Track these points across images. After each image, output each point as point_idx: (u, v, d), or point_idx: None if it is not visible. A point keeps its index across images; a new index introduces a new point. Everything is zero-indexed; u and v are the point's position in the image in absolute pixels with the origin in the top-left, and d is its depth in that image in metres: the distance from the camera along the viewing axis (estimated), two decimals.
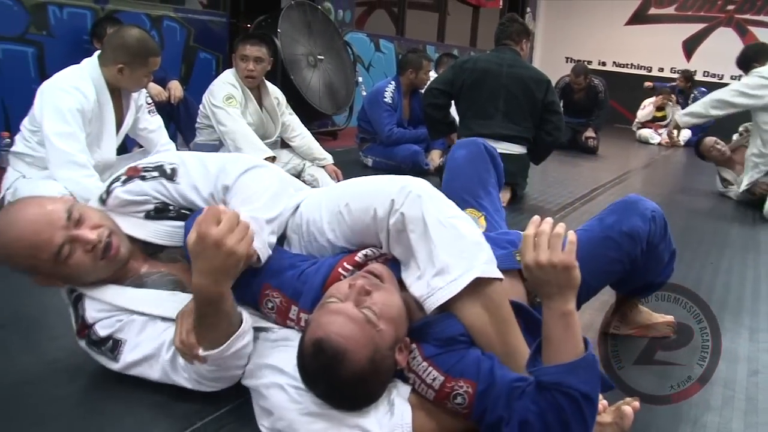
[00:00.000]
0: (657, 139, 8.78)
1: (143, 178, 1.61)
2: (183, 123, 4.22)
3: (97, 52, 2.90)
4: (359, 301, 1.31)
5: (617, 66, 11.54)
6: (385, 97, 4.89)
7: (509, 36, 4.20)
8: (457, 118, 4.30)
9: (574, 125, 7.20)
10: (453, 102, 4.25)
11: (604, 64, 11.57)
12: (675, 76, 9.72)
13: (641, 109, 9.15)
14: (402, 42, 8.20)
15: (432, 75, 5.17)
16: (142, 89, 3.08)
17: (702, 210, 4.64)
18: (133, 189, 1.61)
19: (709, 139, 5.21)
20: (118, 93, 2.94)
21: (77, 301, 1.60)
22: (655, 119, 9.05)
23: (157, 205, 1.61)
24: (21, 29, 4.09)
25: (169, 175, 1.60)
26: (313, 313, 1.36)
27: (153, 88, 3.94)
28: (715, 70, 10.58)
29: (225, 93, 3.75)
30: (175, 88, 4.27)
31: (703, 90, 8.99)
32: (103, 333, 1.55)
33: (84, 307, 1.58)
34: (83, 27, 4.39)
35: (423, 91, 4.59)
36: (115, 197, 1.61)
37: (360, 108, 5.19)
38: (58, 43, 4.27)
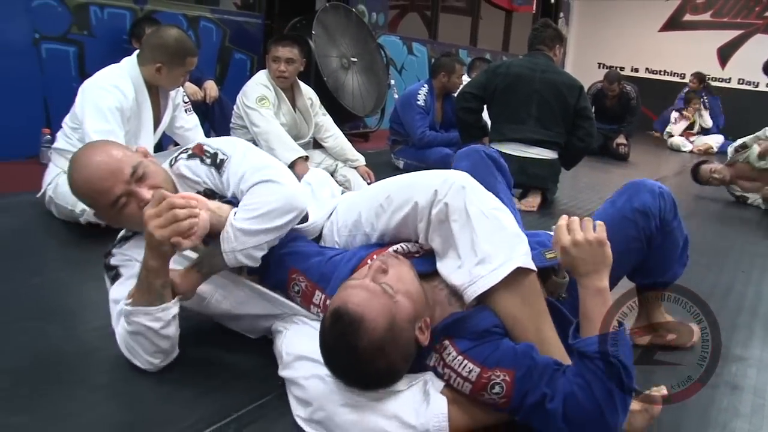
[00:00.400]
0: (689, 147, 8.68)
1: (202, 160, 1.70)
2: (217, 122, 4.27)
3: (136, 51, 2.96)
4: (376, 278, 1.35)
5: (650, 72, 11.42)
6: (418, 100, 4.90)
7: (543, 41, 4.20)
8: (489, 122, 4.32)
9: (605, 131, 7.14)
10: (485, 106, 4.26)
11: (636, 70, 11.46)
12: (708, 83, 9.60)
13: (673, 123, 9.03)
14: (435, 45, 8.19)
15: (465, 79, 5.17)
16: (179, 88, 3.14)
17: (733, 218, 4.60)
18: (192, 167, 1.71)
19: (705, 169, 5.15)
20: (155, 92, 3.00)
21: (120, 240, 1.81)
22: (685, 129, 8.98)
23: (206, 191, 1.70)
24: (64, 29, 4.18)
25: (218, 165, 1.68)
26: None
27: (189, 87, 3.99)
28: (751, 77, 10.44)
29: (258, 94, 3.78)
30: (211, 88, 4.32)
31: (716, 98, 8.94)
32: (113, 262, 1.74)
33: (118, 243, 1.80)
34: (122, 27, 4.46)
35: (456, 95, 4.60)
36: (177, 168, 1.73)
37: (392, 110, 5.20)
38: (98, 43, 4.35)
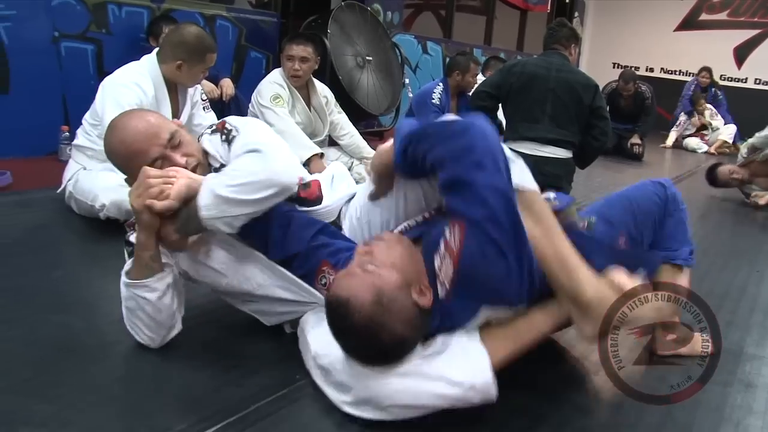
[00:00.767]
0: (704, 148, 8.63)
1: (221, 135, 1.74)
2: None
3: (156, 49, 3.00)
4: (361, 262, 1.40)
5: (665, 72, 11.35)
6: (433, 99, 4.92)
7: (558, 40, 4.19)
8: (504, 121, 4.32)
9: (619, 131, 7.13)
10: (500, 105, 4.27)
11: (651, 70, 11.40)
12: (724, 83, 9.53)
13: (676, 127, 8.96)
14: (449, 44, 8.18)
15: (479, 78, 5.18)
16: (197, 86, 3.18)
17: (747, 217, 4.59)
18: (213, 142, 1.77)
19: (724, 171, 5.07)
20: (174, 89, 3.04)
21: None
22: (697, 129, 8.92)
23: (222, 166, 1.73)
24: (82, 27, 4.22)
25: (230, 141, 1.72)
26: None
27: (205, 85, 4.02)
28: None
29: (272, 93, 3.80)
30: (227, 86, 4.36)
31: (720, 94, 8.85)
32: (132, 239, 1.70)
33: None
34: (140, 25, 4.50)
35: (471, 94, 4.61)
36: (202, 142, 1.78)
37: (407, 109, 5.21)
38: (115, 41, 4.39)
